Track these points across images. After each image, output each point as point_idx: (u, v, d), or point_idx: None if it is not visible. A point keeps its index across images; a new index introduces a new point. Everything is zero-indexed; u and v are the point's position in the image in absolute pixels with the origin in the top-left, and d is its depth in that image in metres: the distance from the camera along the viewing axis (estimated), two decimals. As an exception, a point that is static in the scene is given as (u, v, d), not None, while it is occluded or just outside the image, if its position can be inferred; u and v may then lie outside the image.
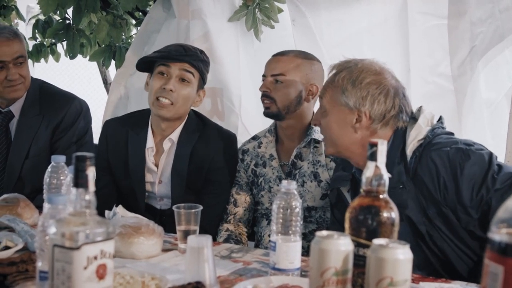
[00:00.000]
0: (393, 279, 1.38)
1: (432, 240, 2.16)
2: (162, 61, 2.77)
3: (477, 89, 3.18)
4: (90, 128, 3.33)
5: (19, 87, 3.11)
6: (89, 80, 7.86)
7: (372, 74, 2.23)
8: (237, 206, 2.88)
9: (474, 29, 3.12)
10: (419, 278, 1.95)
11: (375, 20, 3.46)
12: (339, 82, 2.23)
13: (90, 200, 1.40)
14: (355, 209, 1.54)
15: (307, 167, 2.77)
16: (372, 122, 2.22)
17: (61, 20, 4.30)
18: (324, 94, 2.30)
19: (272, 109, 2.75)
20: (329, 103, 2.28)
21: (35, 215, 2.51)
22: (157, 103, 2.76)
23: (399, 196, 2.12)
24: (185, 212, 2.18)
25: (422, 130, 2.20)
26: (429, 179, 2.12)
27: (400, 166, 2.17)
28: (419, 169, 2.14)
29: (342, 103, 2.23)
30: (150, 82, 2.82)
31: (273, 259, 1.88)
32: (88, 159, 1.40)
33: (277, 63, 2.76)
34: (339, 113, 2.25)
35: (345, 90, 2.22)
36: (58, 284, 1.36)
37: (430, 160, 2.13)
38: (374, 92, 2.20)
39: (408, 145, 2.18)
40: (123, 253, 2.07)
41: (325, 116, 2.29)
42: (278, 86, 2.73)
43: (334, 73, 2.29)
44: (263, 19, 3.55)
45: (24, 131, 3.15)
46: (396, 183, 2.13)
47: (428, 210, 2.14)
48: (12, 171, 3.14)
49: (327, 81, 2.33)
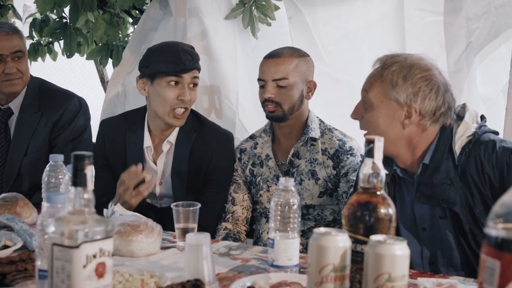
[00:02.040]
0: (391, 275, 1.39)
1: (475, 239, 2.14)
2: (178, 73, 2.72)
3: (474, 85, 3.19)
4: (89, 126, 3.34)
5: (16, 82, 3.13)
6: (87, 78, 7.86)
7: (423, 70, 2.17)
8: (235, 204, 2.89)
9: (470, 25, 3.13)
10: (417, 273, 1.96)
11: (371, 16, 3.46)
12: (388, 77, 2.16)
13: (89, 198, 1.40)
14: (353, 205, 1.55)
15: (304, 166, 2.77)
16: (422, 118, 2.16)
17: (58, 19, 4.31)
18: (370, 88, 2.21)
19: (277, 113, 2.74)
20: (376, 98, 2.19)
21: (34, 214, 2.51)
22: (173, 113, 2.75)
23: (447, 192, 2.13)
24: (184, 210, 2.19)
25: (470, 127, 2.17)
26: (477, 176, 2.10)
27: (448, 162, 2.15)
28: (467, 166, 2.12)
29: (392, 98, 2.15)
30: (161, 91, 2.73)
31: (272, 256, 1.89)
32: (87, 158, 1.40)
33: (277, 66, 2.73)
34: (388, 108, 2.17)
35: (395, 85, 2.14)
36: (57, 282, 1.36)
37: (478, 157, 2.11)
38: (425, 88, 2.14)
39: (456, 142, 2.15)
40: (122, 251, 2.08)
41: (371, 110, 2.21)
42: (282, 90, 2.73)
43: (381, 66, 2.20)
44: (259, 16, 3.55)
45: (23, 128, 3.16)
46: (444, 179, 2.13)
47: (475, 208, 2.11)
48: (12, 168, 3.15)
49: (372, 75, 2.23)
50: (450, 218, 2.17)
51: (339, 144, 2.77)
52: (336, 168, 2.75)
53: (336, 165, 2.75)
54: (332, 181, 2.76)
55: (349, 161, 2.73)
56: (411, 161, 2.24)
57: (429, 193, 2.16)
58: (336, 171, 2.75)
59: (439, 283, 1.83)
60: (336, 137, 2.80)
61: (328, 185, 2.76)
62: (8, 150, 3.17)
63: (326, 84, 3.31)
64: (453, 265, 2.22)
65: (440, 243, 2.23)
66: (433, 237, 2.25)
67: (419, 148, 2.21)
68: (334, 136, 2.80)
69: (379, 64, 2.23)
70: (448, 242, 2.21)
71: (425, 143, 2.21)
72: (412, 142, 2.20)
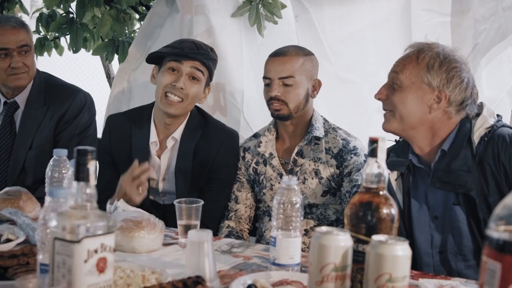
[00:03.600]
0: (392, 275, 1.39)
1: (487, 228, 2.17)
2: (175, 57, 2.76)
3: (480, 87, 3.17)
4: (94, 121, 3.35)
5: (22, 76, 3.15)
6: (92, 74, 7.86)
7: (457, 61, 2.24)
8: (238, 203, 2.88)
9: (477, 27, 3.13)
10: (418, 274, 1.95)
11: (378, 16, 3.46)
12: (425, 60, 2.22)
13: (91, 193, 1.40)
14: (355, 205, 1.55)
15: (308, 165, 2.77)
16: (449, 105, 2.23)
17: (64, 14, 4.32)
18: (402, 69, 2.26)
19: (283, 111, 2.74)
20: (408, 79, 2.24)
21: (37, 208, 2.52)
22: (166, 100, 2.75)
23: (464, 178, 2.18)
24: (186, 207, 2.19)
25: (488, 120, 2.24)
26: (493, 165, 2.16)
27: (466, 150, 2.21)
28: (485, 156, 2.18)
29: (425, 81, 2.22)
30: (159, 76, 2.80)
31: (273, 254, 1.89)
32: (90, 153, 1.40)
33: (283, 64, 2.73)
34: (418, 90, 2.23)
35: (431, 69, 2.21)
36: (58, 277, 1.36)
37: (496, 147, 2.16)
38: (458, 78, 2.22)
39: (475, 132, 2.22)
40: (124, 247, 2.08)
41: (400, 91, 2.26)
42: (289, 89, 2.72)
43: (418, 50, 2.27)
44: (266, 14, 3.54)
45: (29, 122, 3.18)
46: (462, 166, 2.19)
47: (490, 197, 2.16)
48: (16, 161, 3.17)
49: (406, 57, 2.29)
50: (464, 205, 2.21)
51: (343, 143, 2.77)
52: (340, 167, 2.75)
53: (339, 165, 2.75)
54: (335, 180, 2.75)
55: (352, 161, 2.73)
56: (429, 148, 2.29)
57: (446, 179, 2.22)
58: (340, 171, 2.75)
59: (441, 284, 1.82)
60: (340, 136, 2.80)
61: (332, 185, 2.75)
62: (13, 144, 3.18)
63: (332, 83, 3.32)
64: (462, 254, 2.25)
65: (451, 231, 2.27)
66: (445, 225, 2.28)
67: (439, 135, 2.27)
68: (338, 136, 2.80)
69: (414, 48, 2.30)
70: (459, 229, 2.24)
71: (445, 131, 2.26)
72: (434, 127, 2.26)
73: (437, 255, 2.29)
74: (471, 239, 2.22)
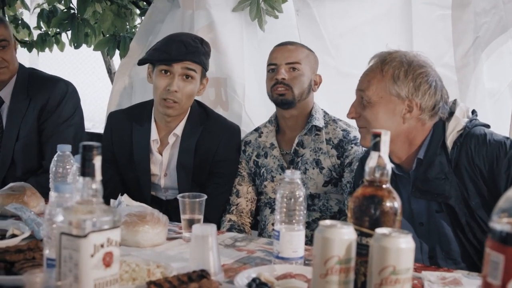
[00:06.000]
0: (395, 268, 1.40)
1: (472, 231, 2.17)
2: (163, 62, 2.76)
3: (481, 80, 3.20)
4: (78, 109, 3.38)
5: (2, 71, 3.20)
6: (93, 69, 7.86)
7: (421, 65, 2.21)
8: (240, 197, 2.90)
9: (478, 20, 3.13)
10: (421, 267, 1.97)
11: (379, 10, 3.47)
12: (389, 72, 2.19)
13: (97, 188, 1.41)
14: (358, 198, 1.55)
15: (309, 155, 2.79)
16: (421, 113, 2.20)
17: (65, 10, 4.31)
18: (368, 86, 2.23)
19: (287, 96, 2.76)
20: (375, 94, 2.21)
21: (41, 203, 2.53)
22: (164, 103, 2.76)
23: (442, 186, 2.16)
24: (190, 201, 2.20)
25: (460, 121, 2.21)
26: (470, 169, 2.14)
27: (441, 157, 2.19)
28: (460, 160, 2.16)
29: (393, 93, 2.19)
30: (154, 79, 2.80)
31: (277, 248, 1.90)
32: (95, 148, 1.41)
33: (291, 52, 2.78)
34: (388, 103, 2.20)
35: (397, 80, 2.18)
36: (65, 271, 1.37)
37: (470, 150, 2.15)
38: (425, 83, 2.19)
39: (448, 137, 2.20)
40: (128, 242, 2.09)
41: (370, 107, 2.23)
42: (295, 74, 2.77)
43: (381, 62, 2.23)
44: (267, 9, 3.55)
45: (14, 115, 3.23)
46: (438, 173, 2.17)
47: (471, 201, 2.15)
48: (5, 155, 3.22)
49: (370, 72, 2.26)
50: (446, 212, 2.20)
51: (343, 134, 2.79)
52: (341, 157, 2.77)
53: (340, 155, 2.77)
54: (336, 170, 2.77)
55: (353, 151, 2.75)
56: (406, 156, 2.27)
57: (424, 188, 2.21)
58: (341, 161, 2.77)
59: (443, 276, 1.84)
60: (340, 127, 2.82)
61: (333, 175, 2.77)
62: (1, 138, 3.24)
63: (332, 77, 3.32)
64: (452, 258, 2.25)
65: (438, 237, 2.26)
66: (431, 231, 2.27)
67: (415, 144, 2.25)
68: (338, 127, 2.82)
69: (376, 60, 2.27)
70: (445, 235, 2.24)
71: (420, 138, 2.24)
72: (409, 136, 2.24)
73: (427, 261, 2.29)
74: (458, 244, 2.22)
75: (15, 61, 3.27)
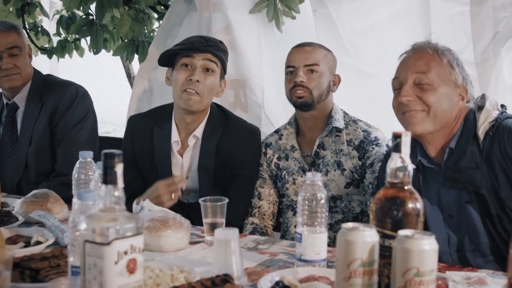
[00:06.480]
0: (419, 270, 1.40)
1: (501, 223, 2.17)
2: (186, 53, 2.80)
3: (501, 75, 3.17)
4: (90, 112, 3.42)
5: (14, 77, 3.26)
6: (113, 73, 7.91)
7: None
8: (261, 199, 2.90)
9: (497, 15, 3.10)
10: (445, 267, 1.95)
11: (396, 8, 3.45)
12: (446, 58, 2.24)
13: (119, 196, 1.42)
14: (380, 200, 1.55)
15: (330, 156, 2.78)
16: (467, 102, 2.25)
17: (84, 16, 4.35)
18: (428, 68, 2.22)
19: (307, 98, 2.75)
20: (438, 77, 2.22)
21: (65, 210, 2.55)
22: (185, 96, 2.78)
23: (473, 175, 2.16)
24: (211, 205, 2.21)
25: (491, 113, 2.22)
26: (502, 159, 2.14)
27: (473, 147, 2.19)
28: (492, 150, 2.16)
29: (452, 79, 2.23)
30: (174, 75, 2.83)
31: (299, 250, 1.90)
32: (117, 156, 1.42)
33: (309, 53, 2.77)
34: (448, 88, 2.23)
35: (455, 67, 2.23)
36: (90, 278, 1.39)
37: (502, 141, 2.15)
38: (468, 74, 2.28)
39: (479, 127, 2.20)
40: (152, 247, 2.10)
41: (433, 90, 2.21)
42: (314, 76, 2.76)
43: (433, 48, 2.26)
44: (284, 10, 3.54)
45: (28, 120, 3.30)
46: (469, 163, 2.17)
47: (501, 192, 2.14)
48: (20, 159, 3.29)
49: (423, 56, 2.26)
50: (476, 202, 2.19)
51: (364, 134, 2.78)
52: (362, 158, 2.76)
53: (361, 156, 2.76)
54: (358, 171, 2.76)
55: (374, 151, 2.74)
56: (441, 146, 2.28)
57: (455, 177, 2.20)
58: (362, 162, 2.76)
59: (468, 276, 1.83)
60: (360, 128, 2.81)
61: (354, 176, 2.76)
62: (16, 142, 3.31)
63: (351, 76, 3.31)
64: (480, 250, 2.24)
65: (467, 229, 2.25)
66: (460, 223, 2.27)
67: (453, 132, 2.26)
68: (359, 127, 2.81)
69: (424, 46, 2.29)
70: (474, 227, 2.23)
71: (456, 128, 2.26)
72: (452, 125, 2.26)
73: (455, 254, 2.28)
74: (487, 235, 2.21)
75: (27, 68, 3.33)
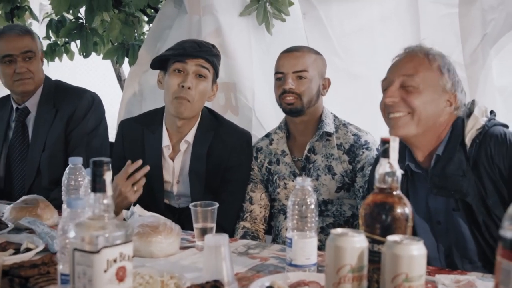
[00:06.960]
0: (408, 275, 1.40)
1: (488, 230, 2.16)
2: (178, 58, 2.79)
3: (490, 77, 3.18)
4: (103, 120, 3.42)
5: (27, 81, 3.24)
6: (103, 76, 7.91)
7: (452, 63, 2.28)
8: (253, 203, 2.90)
9: (485, 16, 3.11)
10: (435, 270, 1.96)
11: (386, 9, 3.46)
12: (436, 63, 2.22)
13: (108, 204, 1.42)
14: (369, 205, 1.56)
15: (321, 161, 2.78)
16: (455, 109, 2.24)
17: (74, 20, 4.34)
18: (416, 72, 2.20)
19: (296, 105, 2.75)
20: (424, 81, 2.19)
21: (55, 215, 2.55)
22: (176, 103, 2.77)
23: (460, 183, 2.15)
24: (202, 210, 2.21)
25: (479, 120, 2.21)
26: (488, 167, 2.14)
27: (460, 154, 2.18)
28: (479, 158, 2.15)
29: (440, 84, 2.20)
30: (166, 80, 2.82)
31: (290, 255, 1.90)
32: (105, 164, 1.42)
33: (297, 59, 2.76)
34: (435, 93, 2.20)
35: (444, 72, 2.21)
36: (79, 286, 1.39)
37: (489, 149, 2.14)
38: (460, 81, 2.25)
39: (467, 134, 2.19)
40: (142, 253, 2.10)
41: (418, 94, 2.19)
42: (303, 82, 2.74)
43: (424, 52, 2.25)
44: (274, 12, 3.54)
45: (41, 125, 3.27)
46: (456, 170, 2.16)
47: (488, 200, 2.14)
48: (32, 165, 3.25)
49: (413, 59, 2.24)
50: (463, 210, 2.19)
51: (354, 138, 2.78)
52: (352, 163, 2.76)
53: (352, 160, 2.76)
54: (348, 176, 2.76)
55: (364, 155, 2.74)
56: (429, 152, 2.26)
57: (441, 184, 2.19)
58: (352, 166, 2.76)
59: (457, 279, 1.83)
60: (351, 132, 2.81)
61: (345, 180, 2.76)
62: (27, 148, 3.27)
63: (342, 78, 3.32)
64: (468, 257, 2.24)
65: (455, 236, 2.25)
66: (448, 230, 2.26)
67: (440, 139, 2.25)
68: (349, 131, 2.81)
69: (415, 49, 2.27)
70: (462, 234, 2.23)
71: (444, 134, 2.25)
72: (439, 130, 2.25)
73: (443, 259, 2.28)
74: (475, 243, 2.21)
75: (40, 73, 3.32)
